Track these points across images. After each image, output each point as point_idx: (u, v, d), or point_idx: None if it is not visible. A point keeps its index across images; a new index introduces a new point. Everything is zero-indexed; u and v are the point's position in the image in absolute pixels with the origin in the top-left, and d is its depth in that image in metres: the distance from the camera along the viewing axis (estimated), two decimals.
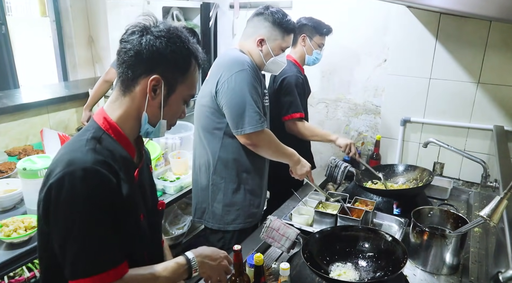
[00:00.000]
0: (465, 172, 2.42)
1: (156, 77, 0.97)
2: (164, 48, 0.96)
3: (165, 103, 1.01)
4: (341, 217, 1.64)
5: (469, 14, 1.73)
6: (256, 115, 1.62)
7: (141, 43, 0.96)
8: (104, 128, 0.99)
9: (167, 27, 0.99)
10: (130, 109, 1.01)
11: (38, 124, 2.67)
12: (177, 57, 0.99)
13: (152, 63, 0.97)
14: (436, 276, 1.44)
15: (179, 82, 1.01)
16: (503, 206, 1.13)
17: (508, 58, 2.16)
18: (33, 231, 1.51)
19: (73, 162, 0.87)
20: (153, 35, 0.97)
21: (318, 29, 2.25)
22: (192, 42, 1.02)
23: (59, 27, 3.07)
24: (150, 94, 0.99)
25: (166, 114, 1.03)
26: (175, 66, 1.00)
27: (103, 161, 0.90)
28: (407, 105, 2.52)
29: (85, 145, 0.92)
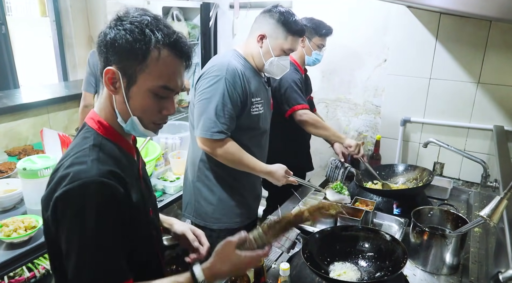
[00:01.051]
0: (465, 172, 2.42)
1: (109, 70, 0.90)
2: (116, 36, 0.88)
3: (127, 97, 0.92)
4: (341, 217, 1.64)
5: (469, 14, 1.73)
6: (211, 123, 1.58)
7: (99, 37, 0.91)
8: (101, 133, 0.95)
9: (128, 14, 0.91)
10: (111, 105, 0.96)
11: (38, 124, 2.67)
12: (131, 43, 0.88)
13: (107, 54, 0.90)
14: (436, 276, 1.44)
15: (139, 71, 0.90)
16: (503, 206, 1.13)
17: (508, 58, 2.16)
18: (33, 231, 1.51)
19: (79, 175, 0.83)
20: (109, 26, 0.90)
21: (317, 30, 2.24)
22: (157, 25, 0.90)
23: (59, 27, 3.07)
24: (109, 88, 0.92)
25: (134, 109, 0.93)
26: (130, 53, 0.89)
27: (109, 171, 0.86)
28: (407, 105, 2.52)
29: (88, 154, 0.88)
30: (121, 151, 0.97)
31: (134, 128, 0.96)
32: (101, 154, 0.90)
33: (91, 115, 0.99)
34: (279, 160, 1.79)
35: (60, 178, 0.85)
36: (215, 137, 1.59)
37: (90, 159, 0.87)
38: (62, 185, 0.83)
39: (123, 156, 0.97)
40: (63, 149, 1.94)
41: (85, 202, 0.82)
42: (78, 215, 0.81)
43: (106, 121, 0.96)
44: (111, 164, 0.89)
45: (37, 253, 1.54)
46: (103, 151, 0.91)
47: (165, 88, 0.93)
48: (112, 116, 0.96)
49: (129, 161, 0.99)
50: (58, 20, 3.05)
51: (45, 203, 0.88)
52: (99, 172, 0.84)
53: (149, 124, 0.97)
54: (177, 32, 0.93)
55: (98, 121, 0.96)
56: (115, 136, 0.97)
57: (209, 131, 1.58)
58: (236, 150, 1.65)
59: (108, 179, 0.85)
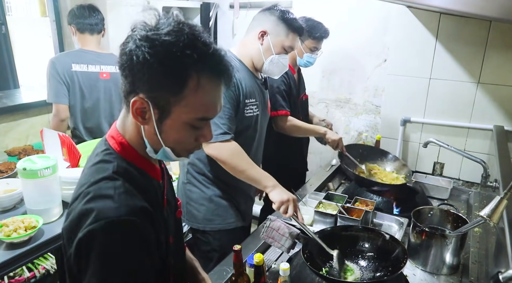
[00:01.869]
0: (465, 172, 2.42)
1: (137, 100, 0.77)
2: (146, 61, 0.74)
3: (160, 130, 0.80)
4: (341, 217, 1.64)
5: (469, 14, 1.73)
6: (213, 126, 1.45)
7: (123, 54, 0.77)
8: (125, 156, 0.85)
9: (158, 29, 0.76)
10: (137, 133, 0.84)
11: (38, 124, 2.67)
12: (165, 72, 0.75)
13: (133, 80, 0.77)
14: (436, 276, 1.44)
15: (173, 103, 0.77)
16: (503, 206, 1.13)
17: (508, 58, 2.16)
18: (33, 231, 1.51)
19: (105, 214, 0.73)
20: (134, 42, 0.75)
21: (311, 33, 2.17)
22: (195, 45, 0.75)
23: (59, 27, 3.06)
24: (137, 120, 0.79)
25: (166, 141, 0.82)
26: (163, 84, 0.76)
27: (139, 208, 0.77)
28: (407, 105, 2.52)
29: (114, 186, 0.77)
30: (146, 178, 0.88)
31: (167, 157, 0.86)
32: (127, 185, 0.79)
33: (113, 133, 0.87)
34: (271, 161, 1.78)
35: (84, 213, 0.75)
36: (220, 139, 1.50)
37: (117, 192, 0.76)
38: (87, 223, 0.73)
39: (149, 184, 0.87)
40: (63, 149, 1.93)
41: (113, 246, 0.72)
42: (105, 260, 0.72)
43: (130, 143, 0.85)
44: (139, 197, 0.80)
45: (37, 253, 1.53)
46: (129, 180, 0.81)
47: (203, 120, 0.82)
48: (138, 141, 0.85)
49: (155, 189, 0.90)
50: (58, 20, 3.05)
51: (67, 237, 0.78)
52: (128, 209, 0.75)
53: (183, 153, 0.87)
54: (217, 48, 0.80)
55: (121, 143, 0.85)
56: (140, 162, 0.87)
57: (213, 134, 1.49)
58: (243, 154, 1.54)
59: (138, 217, 0.75)
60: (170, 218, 0.96)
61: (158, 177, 0.93)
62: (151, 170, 0.90)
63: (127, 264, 0.73)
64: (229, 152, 1.52)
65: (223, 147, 1.51)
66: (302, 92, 2.41)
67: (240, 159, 1.53)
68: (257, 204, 3.17)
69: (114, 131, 0.88)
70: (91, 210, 0.74)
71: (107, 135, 0.89)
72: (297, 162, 2.48)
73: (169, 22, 0.77)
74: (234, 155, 1.53)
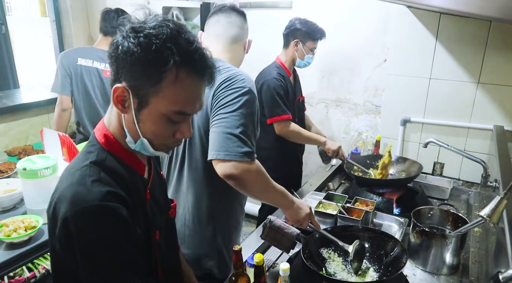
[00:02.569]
0: (465, 172, 2.42)
1: (118, 87, 0.80)
2: (129, 50, 0.77)
3: (137, 119, 0.83)
4: (341, 217, 1.64)
5: (469, 14, 1.73)
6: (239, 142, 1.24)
7: (111, 45, 0.82)
8: (107, 148, 0.87)
9: (145, 23, 0.80)
10: (119, 122, 0.88)
11: (38, 124, 2.67)
12: (144, 61, 0.78)
13: (117, 69, 0.81)
14: (436, 276, 1.44)
15: (152, 93, 0.80)
16: (503, 206, 1.13)
17: (508, 58, 2.16)
18: (33, 231, 1.51)
19: (78, 200, 0.77)
20: (122, 34, 0.80)
21: (312, 35, 2.22)
22: (177, 40, 0.79)
23: (59, 27, 3.07)
24: (117, 107, 0.83)
25: (144, 132, 0.85)
26: (142, 73, 0.79)
27: (110, 192, 0.80)
28: (407, 105, 2.52)
29: (89, 174, 0.81)
30: (127, 170, 0.89)
31: (144, 149, 0.88)
32: (103, 173, 0.82)
33: (100, 126, 0.91)
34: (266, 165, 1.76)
35: (60, 199, 0.80)
36: (246, 159, 1.23)
37: (90, 180, 0.80)
38: (64, 210, 0.77)
39: (129, 175, 0.89)
40: (63, 149, 1.93)
41: (88, 233, 0.77)
42: (84, 247, 0.77)
43: (113, 135, 0.89)
44: (113, 184, 0.82)
45: (37, 253, 1.54)
46: (107, 170, 0.84)
47: (180, 114, 0.84)
48: (120, 133, 0.88)
49: (135, 181, 0.91)
50: (58, 20, 3.05)
51: (51, 222, 0.83)
52: (100, 194, 0.78)
53: (161, 147, 0.89)
54: (200, 47, 0.83)
55: (105, 134, 0.89)
56: (121, 153, 0.89)
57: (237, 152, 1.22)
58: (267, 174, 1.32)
59: (110, 201, 0.78)
60: (157, 214, 0.98)
61: (142, 171, 0.95)
62: (134, 162, 0.92)
63: (106, 247, 0.77)
64: (253, 174, 1.26)
65: (245, 168, 1.24)
66: (298, 94, 2.42)
67: (264, 181, 1.31)
68: (256, 203, 3.18)
69: (101, 124, 0.91)
70: (66, 197, 0.79)
71: (95, 128, 0.92)
72: (292, 166, 2.48)
73: (157, 18, 0.81)
74: (259, 177, 1.28)
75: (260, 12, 2.93)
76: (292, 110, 2.33)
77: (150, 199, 0.95)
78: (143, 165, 0.95)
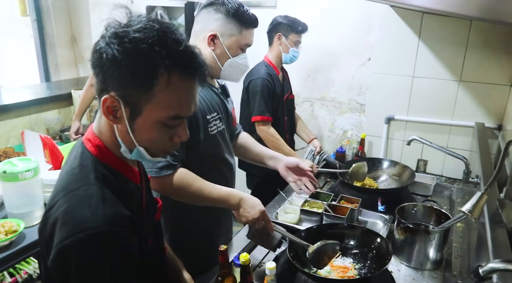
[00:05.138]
0: (448, 168, 2.46)
1: (108, 98, 0.76)
2: (115, 58, 0.72)
3: (132, 129, 0.79)
4: (327, 215, 1.65)
5: (450, 14, 1.76)
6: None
7: (94, 52, 0.76)
8: (102, 159, 0.82)
9: (129, 26, 0.74)
10: (111, 133, 0.82)
11: (19, 126, 2.62)
12: (134, 69, 0.73)
13: (104, 78, 0.76)
14: (420, 271, 1.46)
15: (144, 101, 0.76)
16: (483, 201, 1.15)
17: (488, 57, 2.21)
18: (14, 236, 1.48)
19: (83, 224, 0.71)
20: (104, 40, 0.74)
21: (293, 27, 2.25)
22: (165, 42, 0.74)
23: (40, 26, 3.01)
24: (108, 118, 0.78)
25: (140, 141, 0.81)
26: (132, 81, 0.75)
27: (117, 215, 0.75)
28: (391, 103, 2.55)
29: (92, 195, 0.75)
30: (125, 181, 0.86)
31: (141, 157, 0.84)
32: (105, 190, 0.77)
33: (89, 135, 0.85)
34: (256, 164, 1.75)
35: (61, 222, 0.73)
36: (163, 174, 1.25)
37: (94, 201, 0.74)
38: (63, 236, 0.71)
39: (127, 188, 0.85)
40: (45, 151, 1.90)
41: (90, 259, 0.71)
42: (83, 274, 0.71)
43: (106, 146, 0.84)
44: (116, 202, 0.77)
45: (19, 257, 1.50)
46: (108, 186, 0.79)
47: (176, 118, 0.81)
48: (113, 142, 0.83)
49: (133, 192, 0.88)
50: (40, 19, 3.00)
51: (45, 244, 0.76)
52: (108, 219, 0.72)
53: (158, 153, 0.86)
54: (189, 46, 0.78)
55: (97, 145, 0.83)
56: (116, 164, 0.85)
57: (154, 168, 1.24)
58: (194, 178, 1.30)
59: (118, 226, 0.74)
60: (149, 220, 0.95)
61: (137, 179, 0.92)
62: (129, 172, 0.88)
63: (105, 276, 0.72)
64: (174, 185, 1.27)
65: (165, 182, 1.27)
66: (286, 92, 2.43)
67: (187, 188, 1.29)
68: None
69: (90, 133, 0.86)
70: (68, 220, 0.73)
71: (83, 137, 0.87)
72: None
73: (140, 19, 0.76)
74: (180, 186, 1.28)
75: None
76: (282, 109, 2.33)
77: (145, 208, 0.92)
78: (137, 172, 0.92)
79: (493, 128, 2.27)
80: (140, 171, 0.96)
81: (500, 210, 1.21)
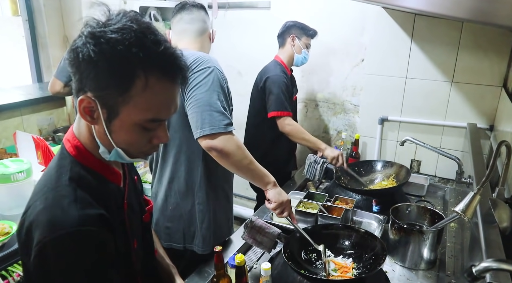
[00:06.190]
0: (441, 169, 2.48)
1: (84, 99, 0.75)
2: (91, 59, 0.71)
3: (109, 130, 0.78)
4: (322, 216, 1.66)
5: (441, 15, 1.78)
6: (221, 115, 1.34)
7: (70, 50, 0.75)
8: (80, 160, 0.82)
9: (106, 26, 0.72)
10: (90, 133, 0.82)
11: (11, 127, 2.58)
12: (109, 70, 0.72)
13: (81, 78, 0.74)
14: (414, 271, 1.47)
15: (121, 103, 0.74)
16: (476, 201, 1.16)
17: (479, 58, 2.23)
18: (6, 238, 1.46)
19: (55, 225, 0.71)
20: (81, 39, 0.73)
21: (305, 30, 2.33)
22: (143, 43, 0.72)
23: (32, 26, 2.98)
24: (85, 119, 0.77)
25: (118, 142, 0.80)
26: (108, 83, 0.73)
27: (88, 215, 0.74)
28: (384, 104, 2.57)
29: (64, 195, 0.75)
30: (103, 182, 0.85)
31: (120, 158, 0.83)
32: (79, 191, 0.77)
33: (69, 136, 0.85)
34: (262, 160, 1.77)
35: (36, 224, 0.73)
36: (229, 129, 1.35)
37: (67, 202, 0.74)
38: (38, 238, 0.71)
39: (106, 189, 0.85)
40: (38, 152, 1.88)
41: (65, 259, 0.71)
42: (60, 275, 0.72)
43: (84, 146, 0.83)
44: (91, 202, 0.77)
45: (11, 259, 1.49)
46: (83, 187, 0.78)
47: (154, 121, 0.79)
48: (92, 143, 0.82)
49: (113, 193, 0.87)
50: (31, 19, 2.96)
51: (21, 247, 0.77)
52: (79, 219, 0.72)
53: (137, 154, 0.84)
54: (169, 46, 0.77)
55: (76, 146, 0.82)
56: (95, 165, 0.84)
57: (221, 125, 1.33)
58: (244, 147, 1.40)
59: (90, 225, 0.73)
60: (134, 222, 0.94)
61: (118, 180, 0.90)
62: (109, 173, 0.87)
63: (80, 276, 0.72)
64: (236, 144, 1.36)
65: (230, 139, 1.34)
66: (295, 93, 2.48)
67: (244, 151, 1.38)
68: (238, 204, 3.17)
69: (70, 134, 0.85)
70: (41, 221, 0.73)
71: (64, 138, 0.86)
72: (287, 160, 2.51)
73: (119, 19, 0.74)
74: (240, 146, 1.37)
75: (239, 13, 2.92)
76: (292, 109, 2.36)
77: (128, 209, 0.91)
78: (119, 173, 0.91)
79: (485, 129, 2.30)
80: (125, 172, 0.95)
81: (493, 209, 1.23)
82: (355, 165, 2.24)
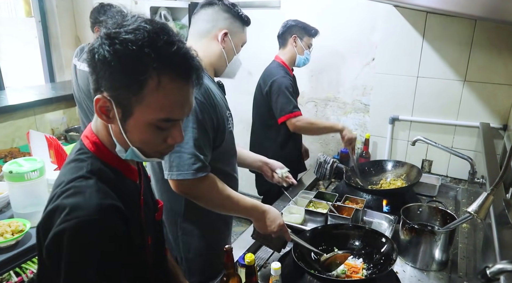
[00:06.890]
0: (453, 169, 2.45)
1: (100, 98, 0.77)
2: (106, 59, 0.73)
3: (124, 129, 0.80)
4: (332, 216, 1.65)
5: (454, 13, 1.76)
6: (190, 158, 1.21)
7: (88, 51, 0.77)
8: (99, 156, 0.84)
9: (120, 27, 0.75)
10: (107, 131, 0.84)
11: (24, 126, 2.63)
12: (123, 70, 0.74)
13: (97, 78, 0.77)
14: (425, 272, 1.46)
15: (135, 103, 0.76)
16: (489, 202, 1.15)
17: (493, 57, 2.20)
18: (20, 235, 1.48)
19: (77, 211, 0.73)
20: (99, 40, 0.75)
21: (307, 30, 2.29)
22: (156, 43, 0.74)
23: (45, 27, 3.03)
24: (101, 118, 0.80)
25: (133, 141, 0.81)
26: (122, 83, 0.75)
27: (110, 206, 0.77)
28: (395, 103, 2.55)
29: (86, 184, 0.77)
30: (121, 177, 0.87)
31: (136, 157, 0.84)
32: (100, 183, 0.79)
33: (87, 133, 0.87)
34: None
35: (56, 209, 0.75)
36: (199, 176, 1.23)
37: (89, 191, 0.76)
38: (59, 221, 0.73)
39: (124, 184, 0.87)
40: (50, 151, 1.91)
41: (82, 245, 0.73)
42: (75, 259, 0.73)
43: (103, 143, 0.85)
44: (111, 195, 0.79)
45: (24, 257, 1.51)
46: (103, 180, 0.80)
47: (167, 121, 0.80)
48: (109, 141, 0.85)
49: (130, 189, 0.89)
50: (44, 20, 3.01)
51: (42, 232, 0.78)
52: (100, 208, 0.74)
53: (153, 153, 0.86)
54: (182, 47, 0.78)
55: (95, 142, 0.85)
56: (114, 161, 0.86)
57: (190, 170, 1.22)
58: (223, 185, 1.30)
59: (108, 216, 0.76)
60: (148, 218, 0.95)
61: (135, 177, 0.92)
62: (126, 170, 0.89)
63: (92, 264, 0.73)
64: (207, 187, 1.26)
65: (199, 184, 1.25)
66: (298, 94, 2.46)
67: (219, 191, 1.28)
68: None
69: (89, 131, 0.87)
70: (63, 206, 0.74)
71: (82, 135, 0.88)
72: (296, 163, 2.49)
73: (134, 20, 0.76)
74: (212, 188, 1.27)
75: (249, 12, 2.92)
76: None
77: (144, 205, 0.93)
78: (136, 170, 0.93)
79: (498, 129, 2.26)
80: (140, 169, 0.97)
81: (507, 210, 1.21)
82: (365, 164, 2.22)
